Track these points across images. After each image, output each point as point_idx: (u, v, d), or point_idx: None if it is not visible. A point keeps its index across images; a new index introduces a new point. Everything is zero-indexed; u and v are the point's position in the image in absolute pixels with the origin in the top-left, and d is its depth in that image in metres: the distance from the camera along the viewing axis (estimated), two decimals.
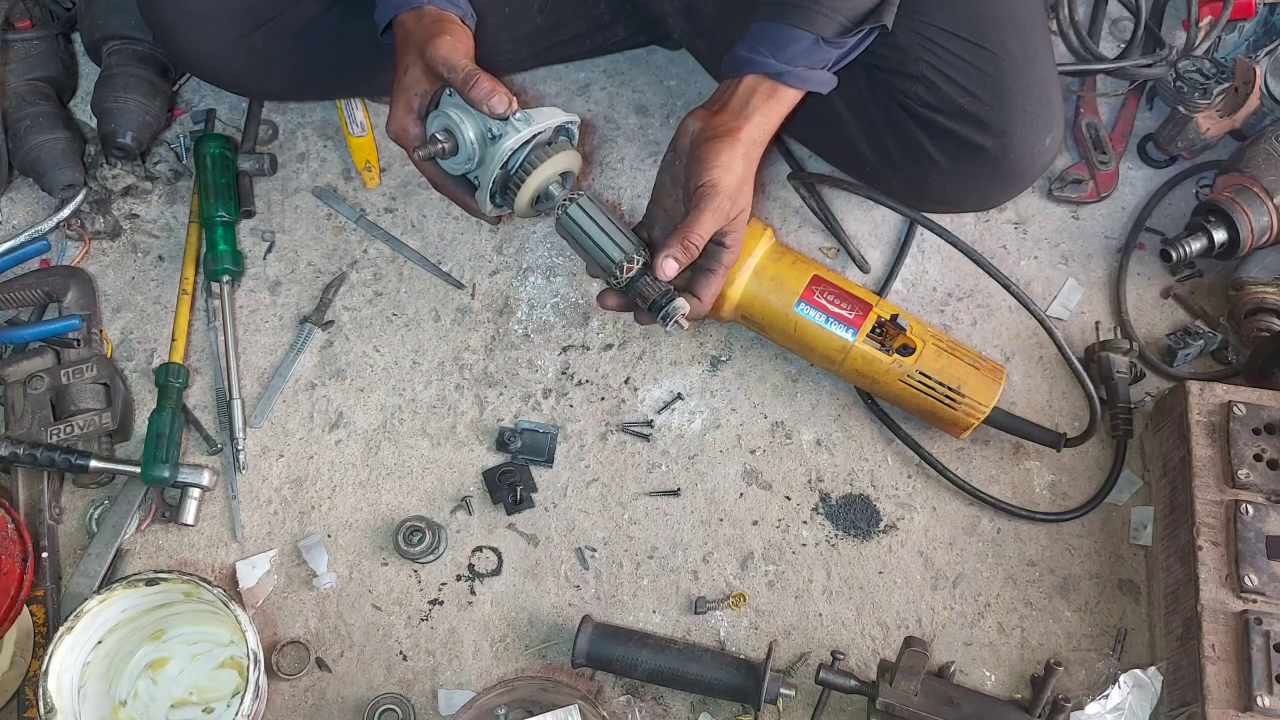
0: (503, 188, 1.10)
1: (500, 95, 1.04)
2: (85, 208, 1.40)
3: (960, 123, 1.15)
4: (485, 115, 1.06)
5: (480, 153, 1.08)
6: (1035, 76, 1.16)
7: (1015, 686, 1.22)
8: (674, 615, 1.25)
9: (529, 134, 1.06)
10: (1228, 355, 1.36)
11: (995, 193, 1.25)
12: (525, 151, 1.07)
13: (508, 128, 1.06)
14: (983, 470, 1.32)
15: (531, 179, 1.07)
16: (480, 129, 1.07)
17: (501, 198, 1.11)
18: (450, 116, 1.08)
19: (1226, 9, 1.45)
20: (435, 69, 1.06)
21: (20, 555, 1.16)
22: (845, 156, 1.29)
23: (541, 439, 1.31)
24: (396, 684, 1.22)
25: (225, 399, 1.32)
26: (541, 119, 1.07)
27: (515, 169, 1.07)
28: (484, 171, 1.08)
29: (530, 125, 1.06)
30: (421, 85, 1.09)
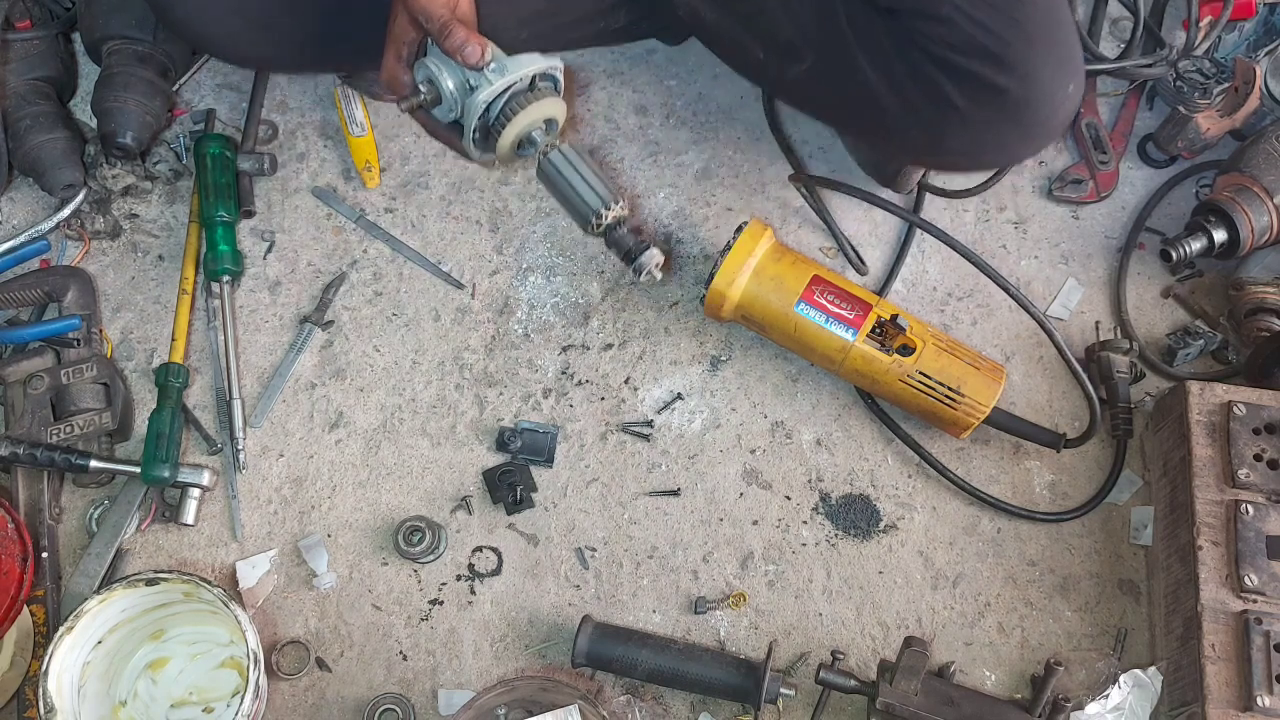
0: (484, 136, 1.12)
1: (473, 45, 1.06)
2: (85, 208, 1.40)
3: (983, 63, 1.11)
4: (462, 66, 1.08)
5: (461, 102, 1.11)
6: (1058, 21, 1.14)
7: (1015, 686, 1.22)
8: (674, 615, 1.25)
9: (502, 86, 1.08)
10: (1228, 355, 1.36)
11: (1016, 142, 1.19)
12: (502, 101, 1.09)
13: (481, 79, 1.08)
14: (983, 470, 1.32)
15: (510, 128, 1.09)
16: (459, 79, 1.10)
17: (484, 145, 1.14)
18: (430, 67, 1.10)
19: (1226, 9, 1.45)
20: (415, 18, 1.08)
21: (20, 555, 1.16)
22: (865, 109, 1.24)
23: (541, 439, 1.31)
24: (396, 684, 1.22)
25: (225, 399, 1.32)
26: (517, 67, 1.09)
27: (494, 119, 1.10)
28: (465, 118, 1.11)
29: (504, 76, 1.08)
30: (409, 34, 1.11)
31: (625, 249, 1.12)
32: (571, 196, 1.12)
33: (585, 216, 1.12)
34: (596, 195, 1.11)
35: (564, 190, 1.12)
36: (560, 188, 1.12)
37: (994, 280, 1.21)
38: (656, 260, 1.12)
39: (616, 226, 1.12)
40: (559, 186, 1.13)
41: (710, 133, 1.48)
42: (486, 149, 1.14)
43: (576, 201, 1.12)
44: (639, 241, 1.12)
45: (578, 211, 1.12)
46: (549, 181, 1.13)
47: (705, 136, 1.48)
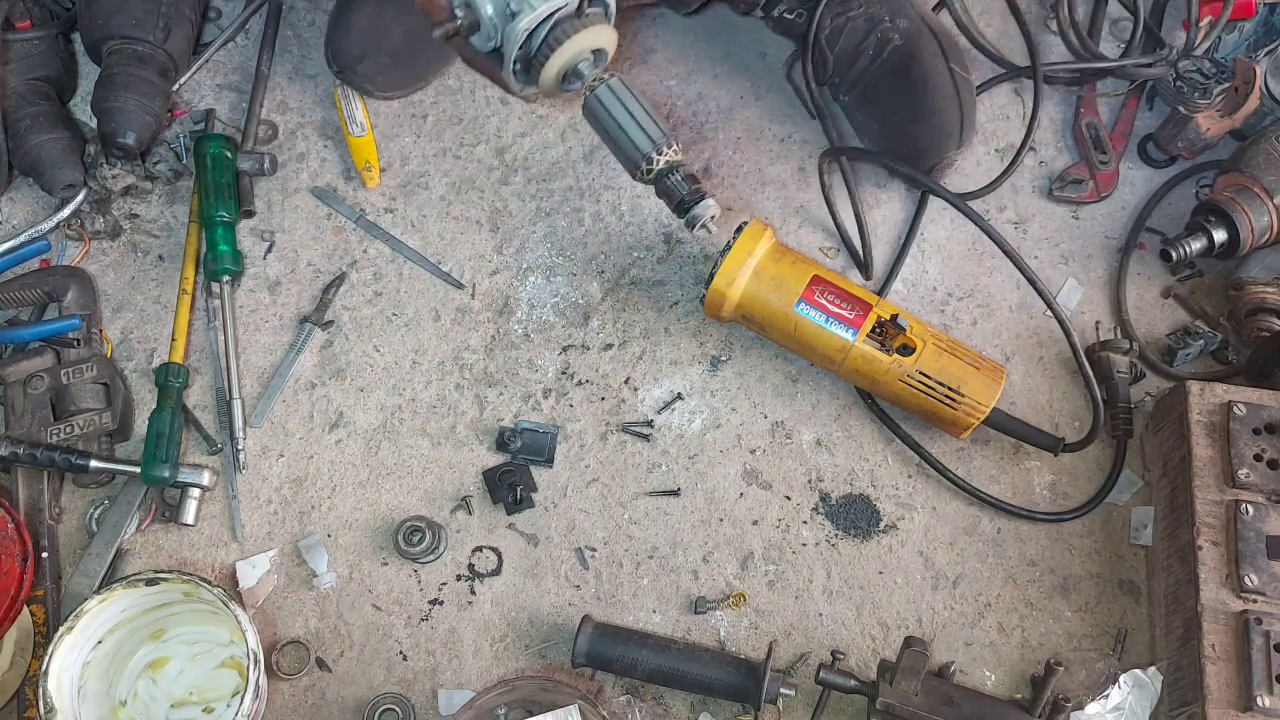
0: (525, 67, 1.03)
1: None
2: (85, 208, 1.40)
3: None
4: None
5: (501, 29, 1.01)
6: None
7: (1015, 686, 1.22)
8: (674, 615, 1.25)
9: (546, 10, 0.98)
10: (1228, 355, 1.36)
11: None
12: (546, 29, 1.00)
13: (524, 2, 0.98)
14: (983, 470, 1.32)
15: (554, 58, 1.00)
16: (500, 3, 1.00)
17: (525, 77, 1.05)
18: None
19: (1226, 9, 1.45)
20: None
21: (20, 555, 1.16)
22: None
23: (541, 439, 1.31)
24: (396, 684, 1.22)
25: (225, 399, 1.32)
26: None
27: (537, 48, 1.00)
28: (506, 46, 1.01)
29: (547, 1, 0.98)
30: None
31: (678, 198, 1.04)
32: (619, 137, 1.04)
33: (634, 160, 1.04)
34: (648, 136, 1.03)
35: (611, 130, 1.04)
36: (607, 127, 1.04)
37: (1022, 270, 1.20)
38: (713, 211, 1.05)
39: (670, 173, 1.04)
40: (606, 125, 1.04)
41: (710, 133, 1.48)
42: (529, 81, 1.05)
43: (625, 143, 1.04)
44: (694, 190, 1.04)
45: (626, 154, 1.04)
46: (595, 119, 1.05)
47: (705, 136, 1.48)
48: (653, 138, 1.03)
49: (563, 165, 1.46)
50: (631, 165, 1.04)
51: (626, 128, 1.04)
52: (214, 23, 1.53)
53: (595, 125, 1.06)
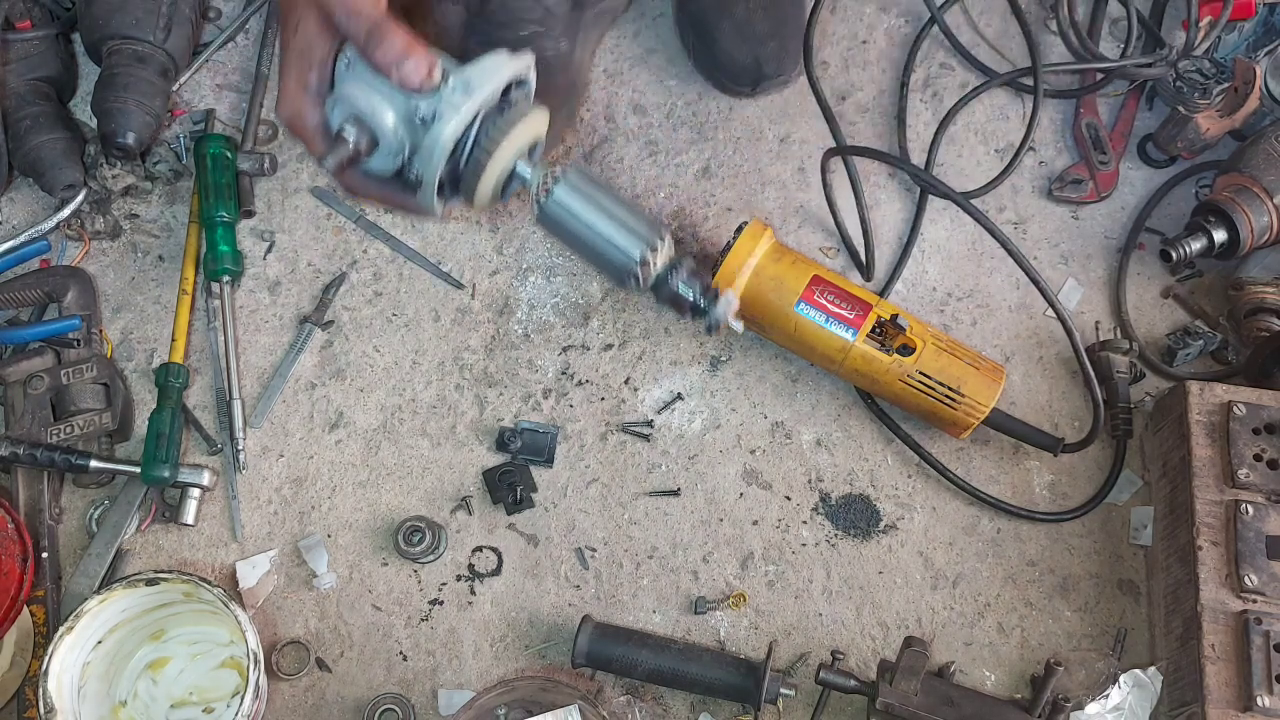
0: (452, 181, 0.85)
1: (416, 58, 0.78)
2: (85, 208, 1.40)
3: None
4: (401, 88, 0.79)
5: (410, 141, 0.83)
6: None
7: (1015, 686, 1.22)
8: (674, 615, 1.25)
9: (472, 109, 0.80)
10: (1228, 355, 1.35)
11: None
12: (474, 131, 0.82)
13: (440, 103, 0.79)
14: (983, 470, 1.32)
15: (491, 166, 0.83)
16: (404, 109, 0.81)
17: (452, 192, 0.87)
18: (358, 99, 0.81)
19: (1226, 9, 1.44)
20: (333, 17, 0.80)
21: (20, 555, 1.16)
22: None
23: (541, 439, 1.31)
24: (396, 684, 1.22)
25: (225, 399, 1.32)
26: (483, 79, 0.80)
27: (466, 159, 0.82)
28: (423, 165, 0.82)
29: (471, 95, 0.80)
30: (318, 49, 0.83)
31: (690, 304, 0.86)
32: (596, 244, 0.84)
33: (623, 270, 0.84)
34: (632, 236, 0.83)
35: (583, 238, 0.84)
36: (578, 235, 0.84)
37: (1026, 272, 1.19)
38: (734, 307, 0.86)
39: (670, 274, 0.85)
40: (575, 234, 0.85)
41: (710, 132, 1.48)
42: (454, 196, 0.87)
43: (605, 251, 0.84)
44: (705, 287, 0.85)
45: (610, 265, 0.85)
46: (558, 229, 0.85)
47: (705, 136, 1.48)
48: (639, 235, 0.83)
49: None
50: (620, 276, 0.84)
51: (602, 232, 0.83)
52: (214, 23, 1.53)
53: (560, 236, 0.86)
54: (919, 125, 1.49)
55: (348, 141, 0.82)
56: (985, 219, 1.20)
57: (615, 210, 0.84)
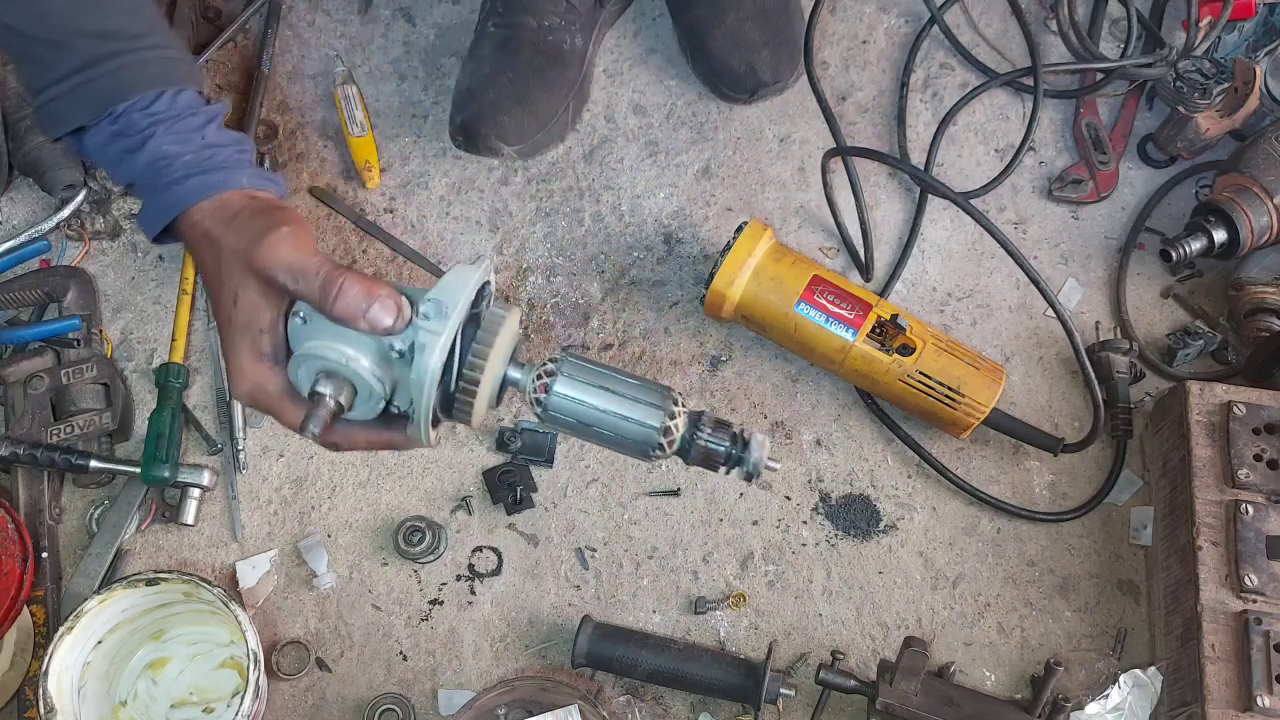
0: (445, 408, 0.80)
1: (381, 301, 0.74)
2: (85, 208, 1.40)
3: None
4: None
5: (390, 379, 0.78)
6: None
7: (1015, 686, 1.22)
8: (674, 615, 1.25)
9: (452, 332, 0.76)
10: (1228, 355, 1.35)
11: None
12: (456, 352, 0.78)
13: (416, 334, 0.75)
14: (983, 470, 1.32)
15: (484, 385, 0.79)
16: (376, 350, 0.77)
17: (444, 416, 0.81)
18: (326, 353, 0.76)
19: (1226, 9, 1.44)
20: (276, 281, 0.76)
21: (20, 555, 1.16)
22: None
23: (541, 439, 1.31)
24: (396, 684, 1.22)
25: (225, 399, 1.32)
26: (454, 297, 0.76)
27: (455, 382, 0.78)
28: (413, 394, 0.77)
29: (447, 317, 0.75)
30: (266, 314, 0.77)
31: (722, 457, 0.82)
32: (612, 427, 0.80)
33: (645, 444, 0.80)
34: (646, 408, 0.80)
35: (595, 425, 0.81)
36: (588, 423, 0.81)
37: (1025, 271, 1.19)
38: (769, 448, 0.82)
39: (695, 434, 0.81)
40: (585, 423, 0.81)
41: (710, 133, 1.48)
42: (447, 420, 0.82)
43: (623, 430, 0.80)
44: (734, 436, 0.82)
45: (630, 442, 0.81)
46: (566, 423, 0.82)
47: (705, 136, 1.48)
48: (654, 405, 0.80)
49: (562, 165, 1.46)
50: (644, 450, 0.81)
51: (614, 413, 0.80)
52: (214, 23, 1.53)
53: (569, 429, 0.82)
54: (919, 125, 1.49)
55: (326, 400, 0.76)
56: (985, 219, 1.20)
57: (620, 388, 0.80)
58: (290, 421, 0.80)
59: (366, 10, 1.54)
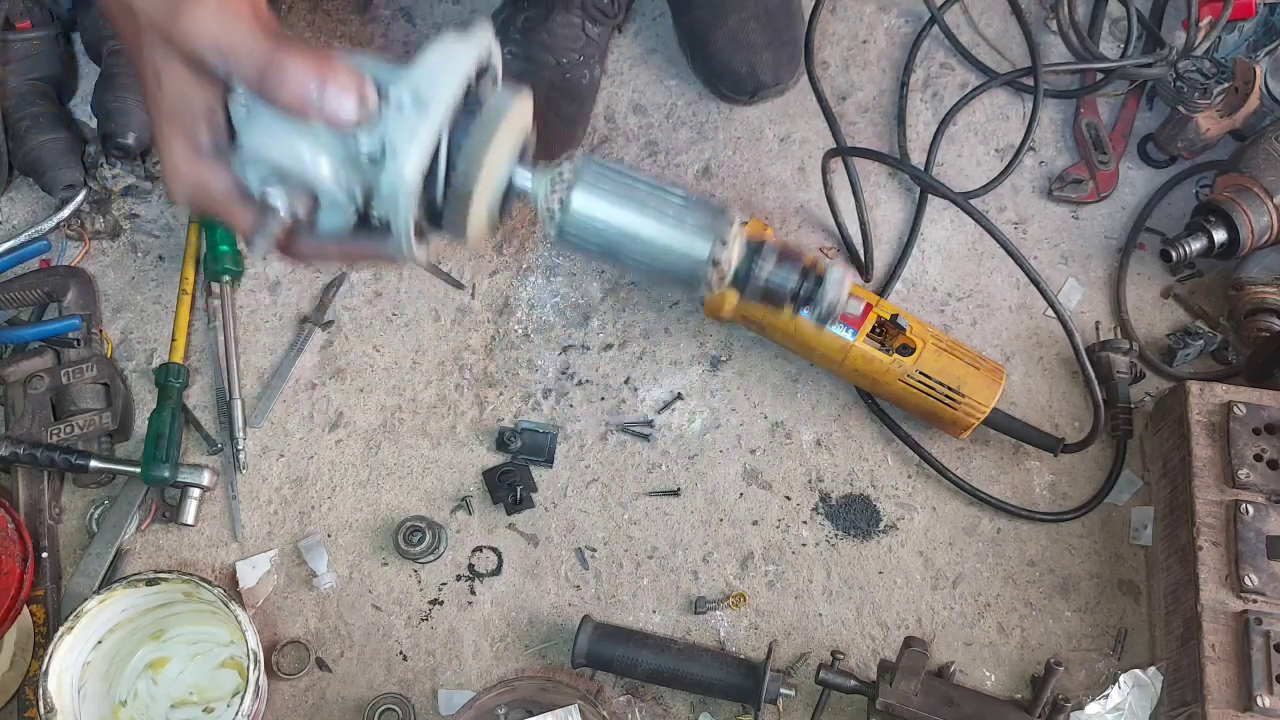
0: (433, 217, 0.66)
1: (338, 83, 0.59)
2: (85, 208, 1.40)
3: None
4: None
5: (362, 184, 0.64)
6: None
7: (1015, 686, 1.22)
8: (674, 615, 1.25)
9: (433, 128, 0.61)
10: (1228, 355, 1.35)
11: None
12: (443, 151, 0.63)
13: (388, 131, 0.61)
14: (983, 470, 1.32)
15: (479, 191, 0.64)
16: (341, 150, 0.62)
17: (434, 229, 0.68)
18: (273, 151, 0.62)
19: (1226, 9, 1.44)
20: (204, 61, 0.62)
21: (20, 555, 1.16)
22: None
23: (541, 439, 1.31)
24: (396, 684, 1.22)
25: (225, 399, 1.32)
26: (437, 82, 0.60)
27: (444, 188, 0.64)
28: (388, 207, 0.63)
29: (426, 109, 0.60)
30: (196, 100, 0.63)
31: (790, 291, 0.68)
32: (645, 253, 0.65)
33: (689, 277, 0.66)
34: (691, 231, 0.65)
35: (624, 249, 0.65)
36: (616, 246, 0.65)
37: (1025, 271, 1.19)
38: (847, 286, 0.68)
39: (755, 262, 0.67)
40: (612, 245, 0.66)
41: (710, 132, 1.48)
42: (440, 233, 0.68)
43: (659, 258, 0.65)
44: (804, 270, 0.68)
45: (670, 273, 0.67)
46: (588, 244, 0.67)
47: (705, 136, 1.48)
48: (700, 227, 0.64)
49: None
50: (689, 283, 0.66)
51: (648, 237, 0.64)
52: None
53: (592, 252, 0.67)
54: (919, 125, 1.49)
55: (277, 209, 0.62)
56: (985, 219, 1.20)
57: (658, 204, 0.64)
58: (243, 229, 0.66)
59: (366, 10, 1.54)
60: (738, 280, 0.68)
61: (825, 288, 0.68)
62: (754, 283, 0.68)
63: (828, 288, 0.68)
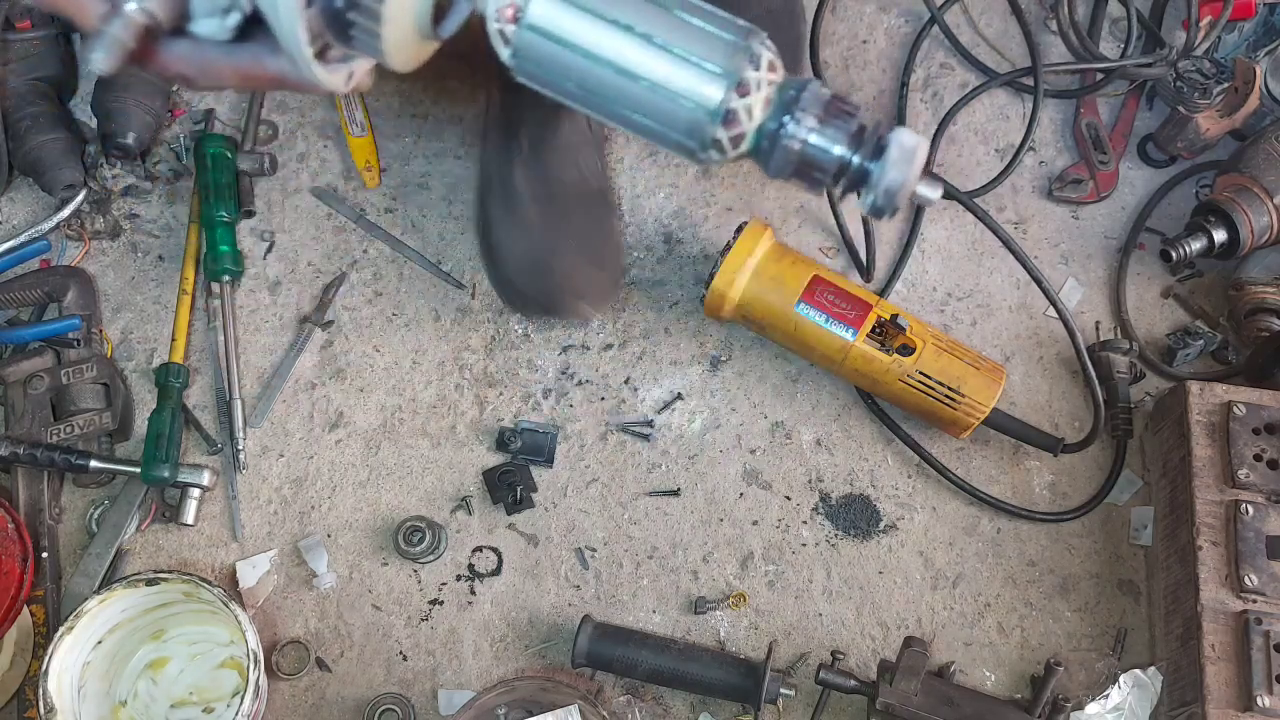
0: (341, 30, 0.51)
1: None
2: (85, 208, 1.40)
3: None
4: None
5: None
6: None
7: (1015, 686, 1.22)
8: (674, 615, 1.25)
9: None
10: (1228, 355, 1.36)
11: None
12: None
13: None
14: (983, 470, 1.32)
15: None
16: None
17: (343, 41, 0.52)
18: None
19: (1226, 9, 1.45)
20: None
21: (20, 555, 1.16)
22: None
23: (541, 439, 1.31)
24: (396, 684, 1.22)
25: (225, 399, 1.32)
26: None
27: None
28: (265, 4, 0.50)
29: None
30: None
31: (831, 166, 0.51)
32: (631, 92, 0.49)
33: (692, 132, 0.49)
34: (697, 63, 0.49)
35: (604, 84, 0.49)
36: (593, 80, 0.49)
37: (1028, 270, 1.19)
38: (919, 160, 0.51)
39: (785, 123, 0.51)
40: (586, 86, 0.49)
41: None
42: (344, 46, 0.52)
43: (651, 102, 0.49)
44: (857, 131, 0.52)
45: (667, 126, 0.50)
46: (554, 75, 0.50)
47: None
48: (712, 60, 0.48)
49: None
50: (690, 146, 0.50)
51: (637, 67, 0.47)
52: None
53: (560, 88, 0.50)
54: (919, 125, 1.49)
55: (127, 8, 0.48)
56: (990, 219, 1.20)
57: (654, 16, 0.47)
58: (89, 23, 0.53)
59: None
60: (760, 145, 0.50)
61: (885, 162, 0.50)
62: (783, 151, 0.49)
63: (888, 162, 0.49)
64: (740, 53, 0.51)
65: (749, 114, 0.50)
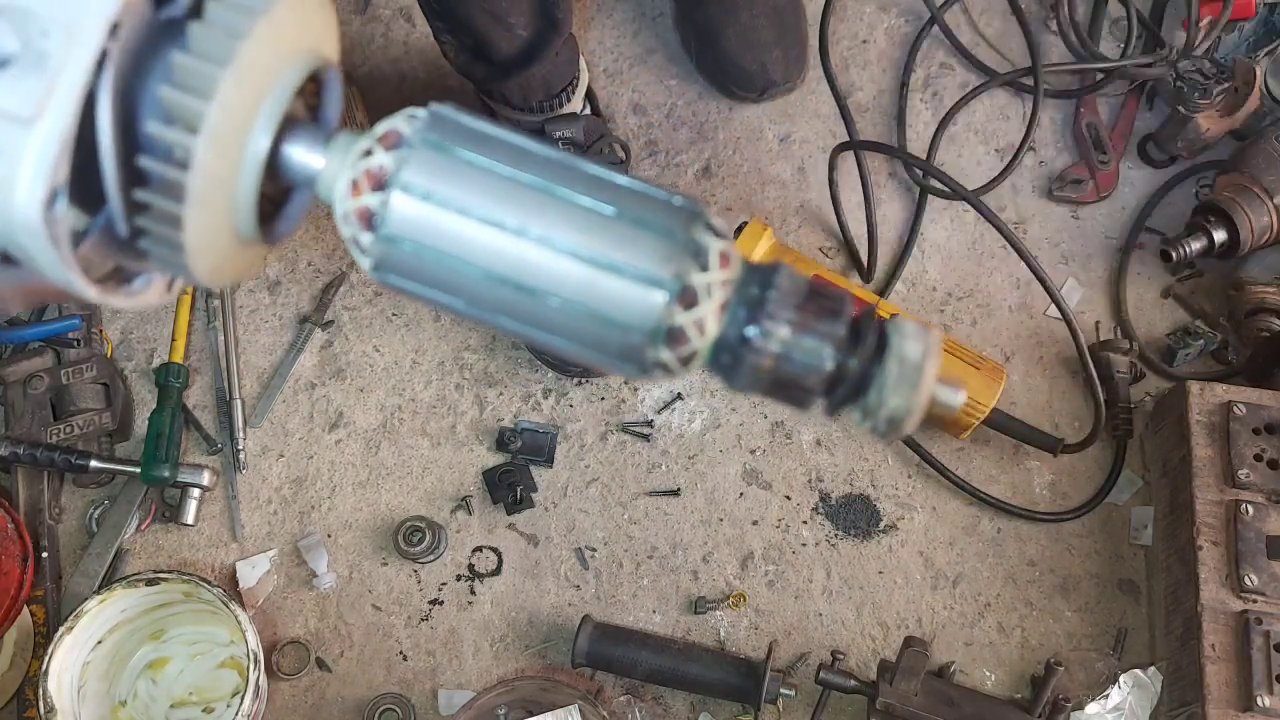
0: (125, 248, 0.41)
1: None
2: None
3: None
4: None
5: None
6: None
7: (1015, 686, 1.22)
8: (674, 615, 1.25)
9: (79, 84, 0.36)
10: (1228, 355, 1.35)
11: None
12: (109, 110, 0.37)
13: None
14: (983, 470, 1.32)
15: (198, 177, 0.38)
16: None
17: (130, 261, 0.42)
18: None
19: (1226, 9, 1.44)
20: None
21: (20, 555, 1.16)
22: None
23: (541, 439, 1.31)
24: (396, 684, 1.22)
25: (225, 399, 1.32)
26: None
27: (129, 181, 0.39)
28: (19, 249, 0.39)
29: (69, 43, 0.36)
30: None
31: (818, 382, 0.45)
32: (548, 310, 0.39)
33: (633, 351, 0.40)
34: (626, 277, 0.39)
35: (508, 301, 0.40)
36: (491, 296, 0.40)
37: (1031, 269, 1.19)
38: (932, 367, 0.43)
39: (746, 324, 0.42)
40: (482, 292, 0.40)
41: (710, 132, 1.48)
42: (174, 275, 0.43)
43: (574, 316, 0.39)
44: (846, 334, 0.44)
45: (599, 345, 0.40)
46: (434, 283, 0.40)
47: (705, 136, 1.48)
48: (652, 249, 0.39)
49: None
50: (635, 364, 0.42)
51: (553, 279, 0.39)
52: None
53: (448, 303, 0.42)
54: (919, 125, 1.49)
55: None
56: (996, 218, 1.20)
57: (556, 212, 0.38)
58: None
59: (366, 10, 1.54)
60: (718, 360, 0.41)
61: (885, 384, 0.40)
62: (750, 369, 0.40)
63: (888, 386, 0.40)
64: (680, 250, 0.38)
65: (699, 329, 0.39)
